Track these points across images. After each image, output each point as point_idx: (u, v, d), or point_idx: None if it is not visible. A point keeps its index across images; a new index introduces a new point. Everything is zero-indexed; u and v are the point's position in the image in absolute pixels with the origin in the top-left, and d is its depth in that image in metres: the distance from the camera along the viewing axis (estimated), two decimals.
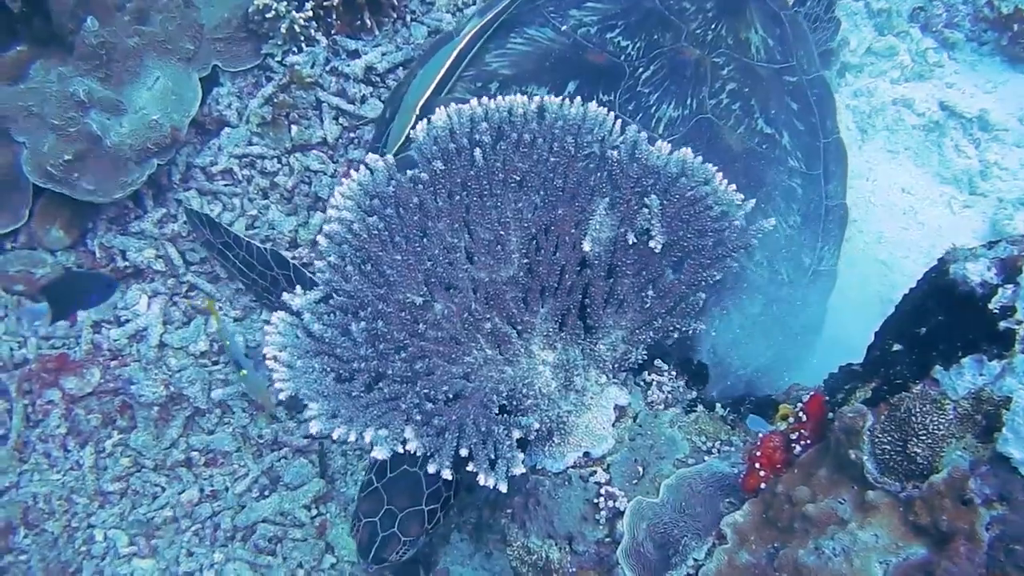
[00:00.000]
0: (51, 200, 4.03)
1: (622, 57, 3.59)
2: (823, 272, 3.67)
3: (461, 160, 2.69)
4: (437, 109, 2.70)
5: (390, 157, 2.69)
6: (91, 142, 3.82)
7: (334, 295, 2.60)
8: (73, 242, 4.13)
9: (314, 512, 3.95)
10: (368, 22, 4.50)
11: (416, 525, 2.89)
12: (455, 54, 3.60)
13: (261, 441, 4.00)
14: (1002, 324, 1.94)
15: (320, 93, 4.39)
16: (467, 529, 3.80)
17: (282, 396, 2.43)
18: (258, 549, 3.89)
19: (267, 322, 2.84)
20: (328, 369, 2.50)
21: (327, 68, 4.42)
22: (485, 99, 2.73)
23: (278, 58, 4.40)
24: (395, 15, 4.62)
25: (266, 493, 3.98)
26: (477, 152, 2.67)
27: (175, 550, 3.91)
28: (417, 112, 3.50)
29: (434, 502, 2.94)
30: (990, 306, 2.00)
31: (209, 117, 4.34)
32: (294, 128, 4.35)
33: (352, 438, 2.38)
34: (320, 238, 2.63)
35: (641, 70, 3.55)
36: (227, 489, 3.99)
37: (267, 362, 2.48)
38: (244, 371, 3.80)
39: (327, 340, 2.52)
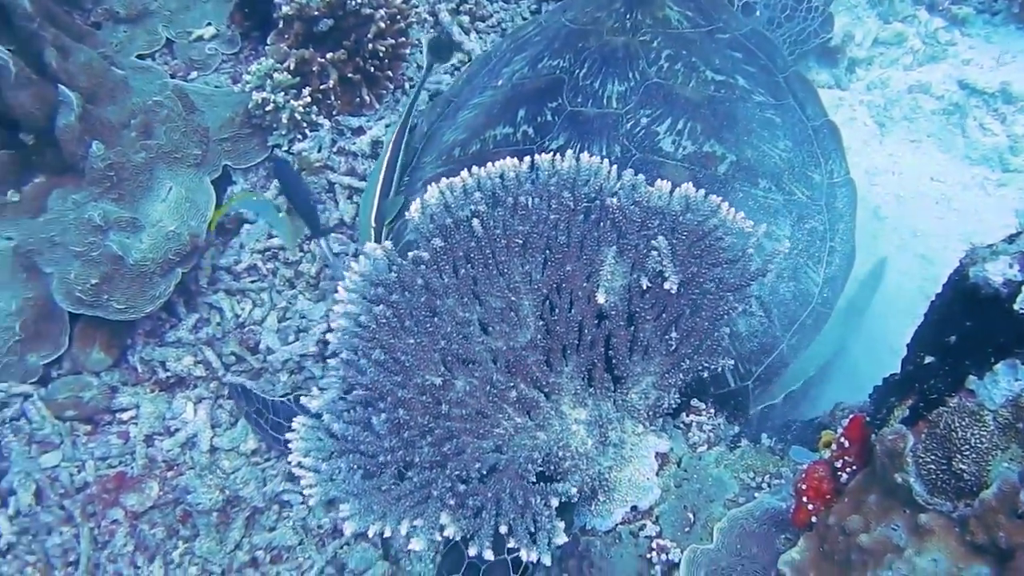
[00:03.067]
0: (88, 323, 4.09)
1: (557, 72, 3.78)
2: (839, 183, 3.69)
3: (460, 233, 2.68)
4: (430, 186, 2.70)
5: (388, 243, 2.69)
6: (114, 263, 3.87)
7: (352, 391, 2.59)
8: (115, 361, 4.20)
9: None
10: (367, 98, 4.55)
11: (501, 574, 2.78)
12: (385, 166, 3.87)
13: (322, 531, 4.00)
14: None
15: (331, 175, 4.44)
16: None
17: (311, 503, 2.42)
18: None
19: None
20: (355, 467, 2.49)
21: (334, 149, 4.47)
22: (476, 168, 2.72)
23: (285, 147, 4.45)
24: (392, 85, 4.66)
25: None
26: (476, 222, 2.65)
27: None
28: (374, 226, 3.73)
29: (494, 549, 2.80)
30: (1016, 307, 1.91)
31: (228, 216, 4.39)
32: None
33: (388, 533, 2.36)
34: (329, 335, 2.63)
35: (577, 71, 3.71)
36: None
37: (294, 470, 2.47)
38: (282, 214, 3.98)
39: (350, 438, 2.51)
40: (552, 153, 2.74)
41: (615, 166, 2.75)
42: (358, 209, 4.37)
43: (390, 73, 4.60)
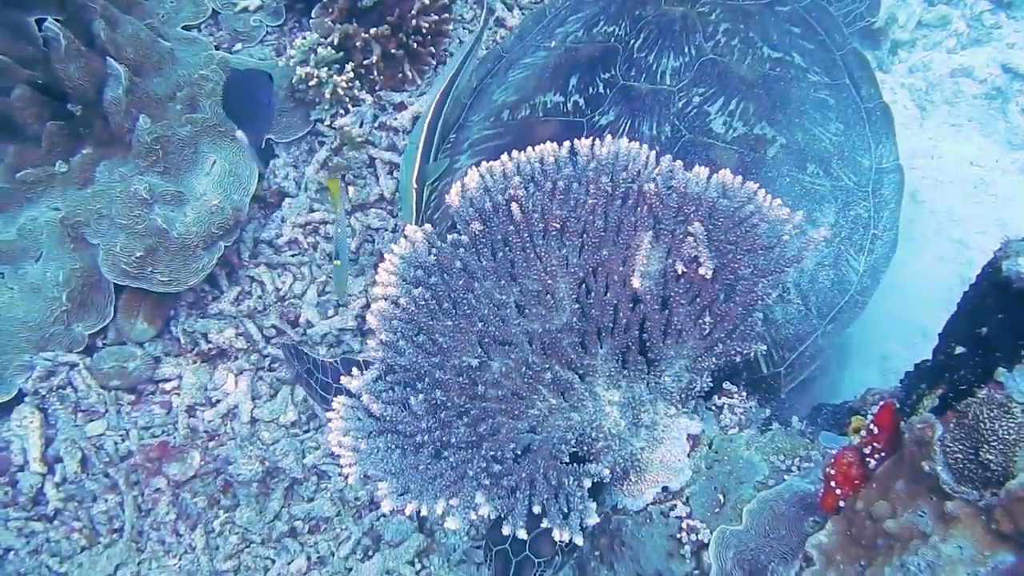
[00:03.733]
0: (132, 294, 4.20)
1: (612, 41, 3.72)
2: (887, 169, 3.64)
3: (499, 217, 2.71)
4: (469, 170, 2.74)
5: (428, 227, 2.74)
6: (159, 236, 3.96)
7: (390, 371, 2.65)
8: (158, 331, 4.30)
9: (418, 567, 4.00)
10: (409, 73, 4.59)
11: (548, 544, 2.73)
12: (426, 126, 3.81)
13: (359, 502, 4.08)
14: None
15: (372, 150, 4.49)
16: (571, 563, 3.81)
17: (350, 480, 2.48)
18: None
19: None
20: (393, 446, 2.54)
21: (375, 124, 4.52)
22: (516, 153, 2.75)
23: (327, 122, 4.51)
24: (435, 61, 4.70)
25: (370, 554, 4.05)
26: (514, 207, 2.69)
27: None
28: (415, 186, 3.70)
29: (527, 528, 2.72)
30: None
31: (269, 190, 4.47)
32: (351, 189, 4.44)
33: (425, 512, 2.43)
34: (370, 317, 2.69)
35: (632, 42, 3.66)
36: (332, 554, 4.07)
37: (333, 449, 2.54)
38: (338, 262, 3.81)
39: (388, 418, 2.57)
40: (592, 138, 2.77)
41: (653, 152, 2.77)
42: (399, 183, 4.41)
43: (432, 49, 4.65)
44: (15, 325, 4.14)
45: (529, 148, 2.76)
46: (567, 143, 2.78)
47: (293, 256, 4.45)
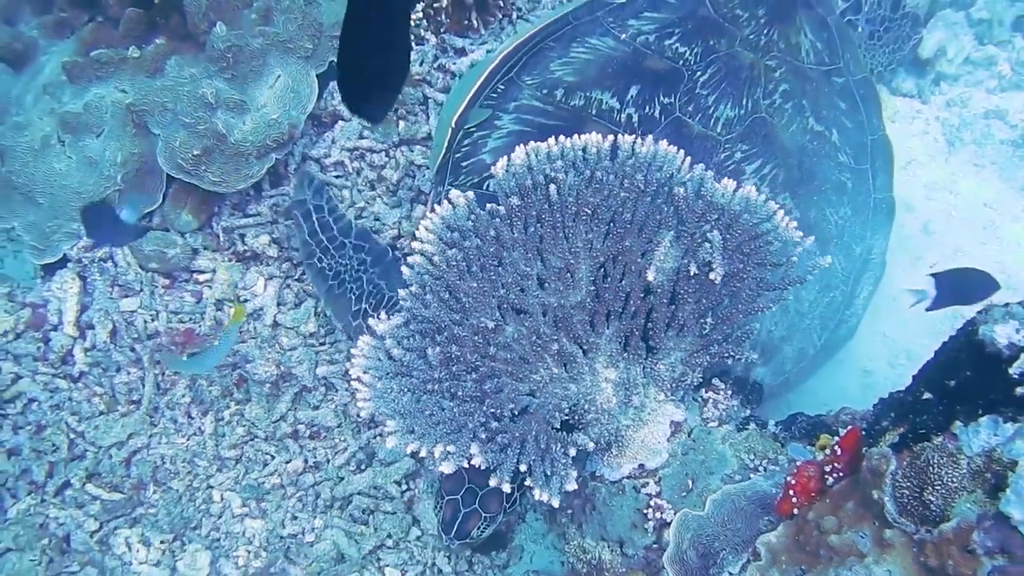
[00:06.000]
0: (181, 186, 4.41)
1: (680, 63, 3.77)
2: (873, 262, 3.88)
3: (537, 195, 2.91)
4: (517, 147, 2.93)
5: (471, 193, 2.93)
6: (217, 139, 4.16)
7: (414, 320, 2.88)
8: (201, 225, 4.52)
9: (404, 487, 4.27)
10: (475, 22, 4.73)
11: (496, 503, 3.05)
12: (489, 70, 3.83)
13: (359, 419, 4.33)
14: (1019, 390, 2.08)
15: (427, 89, 4.63)
16: (542, 510, 4.07)
17: (363, 414, 2.73)
18: (353, 519, 4.23)
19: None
20: (405, 389, 2.79)
21: (435, 65, 4.66)
22: (562, 138, 2.94)
23: None
24: (501, 14, 4.83)
25: (362, 467, 4.32)
26: (552, 188, 2.89)
27: (281, 514, 4.28)
28: (452, 126, 3.76)
29: (512, 482, 2.99)
30: (1011, 371, 2.12)
31: (324, 111, 4.63)
32: (402, 123, 4.61)
33: (423, 454, 2.68)
34: (404, 269, 2.91)
35: (699, 74, 3.73)
36: (328, 461, 4.34)
37: (352, 383, 2.79)
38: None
39: (405, 363, 2.81)
40: (634, 135, 2.97)
41: (688, 158, 2.97)
42: (439, 116, 4.48)
43: (501, 3, 4.77)
44: (68, 193, 4.37)
45: (575, 135, 2.95)
46: (610, 136, 2.96)
47: (336, 177, 4.63)
